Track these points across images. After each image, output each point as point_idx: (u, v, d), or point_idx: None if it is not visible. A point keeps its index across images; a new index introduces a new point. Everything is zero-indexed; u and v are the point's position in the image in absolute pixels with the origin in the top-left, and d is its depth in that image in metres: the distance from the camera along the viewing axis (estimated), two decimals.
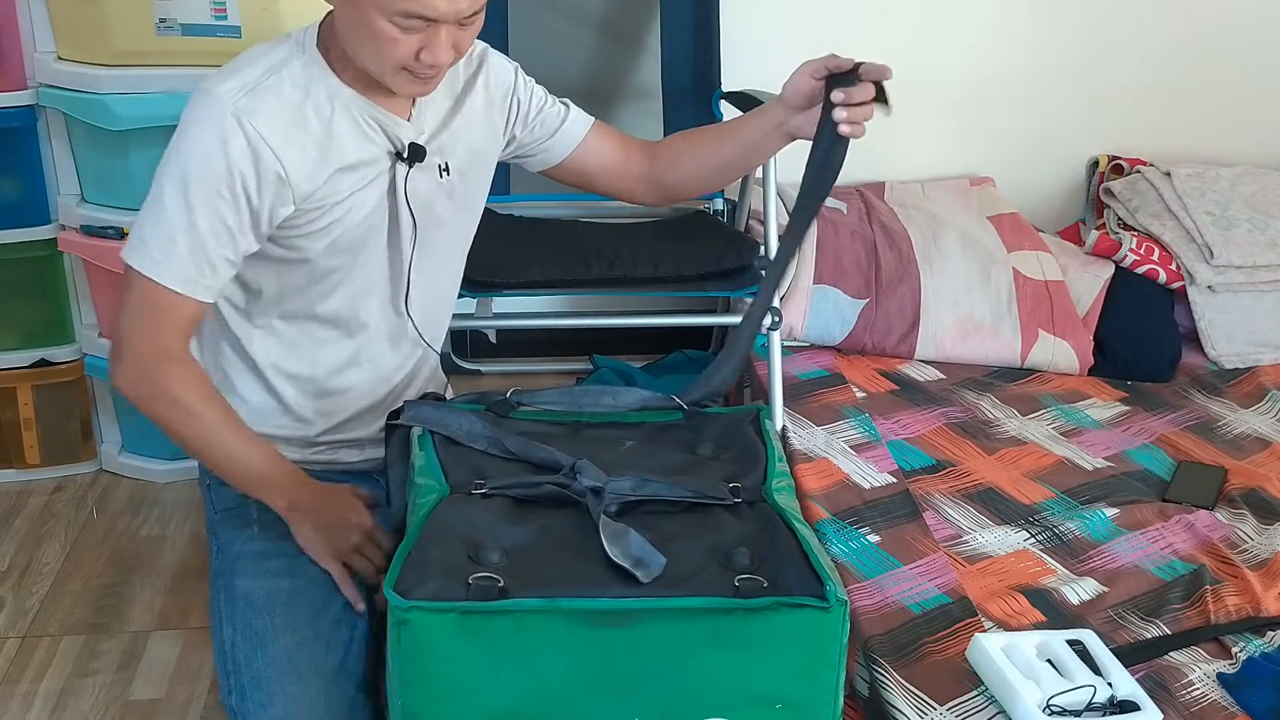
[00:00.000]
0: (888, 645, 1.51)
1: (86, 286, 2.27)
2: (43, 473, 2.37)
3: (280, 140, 1.32)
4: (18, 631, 1.94)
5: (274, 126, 1.32)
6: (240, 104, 1.31)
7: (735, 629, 1.10)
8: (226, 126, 1.30)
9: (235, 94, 1.31)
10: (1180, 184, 2.58)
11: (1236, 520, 1.85)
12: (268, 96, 1.33)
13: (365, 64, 1.33)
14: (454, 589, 1.08)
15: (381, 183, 1.43)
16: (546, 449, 1.30)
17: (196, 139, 1.31)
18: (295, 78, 1.35)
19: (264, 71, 1.34)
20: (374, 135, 1.40)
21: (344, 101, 1.37)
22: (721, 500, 1.25)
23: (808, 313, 2.31)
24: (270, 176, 1.33)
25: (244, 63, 1.36)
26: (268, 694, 1.30)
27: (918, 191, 2.70)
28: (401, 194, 1.44)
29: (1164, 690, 1.45)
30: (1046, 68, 2.75)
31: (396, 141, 1.42)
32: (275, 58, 1.36)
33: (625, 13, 2.45)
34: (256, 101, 1.32)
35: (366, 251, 1.46)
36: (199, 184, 1.31)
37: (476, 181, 1.55)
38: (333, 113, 1.37)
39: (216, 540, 1.49)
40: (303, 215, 1.38)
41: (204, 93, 1.32)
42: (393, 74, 1.32)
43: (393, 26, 1.26)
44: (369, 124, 1.39)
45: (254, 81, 1.33)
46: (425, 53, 1.28)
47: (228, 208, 1.32)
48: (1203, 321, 2.44)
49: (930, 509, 1.84)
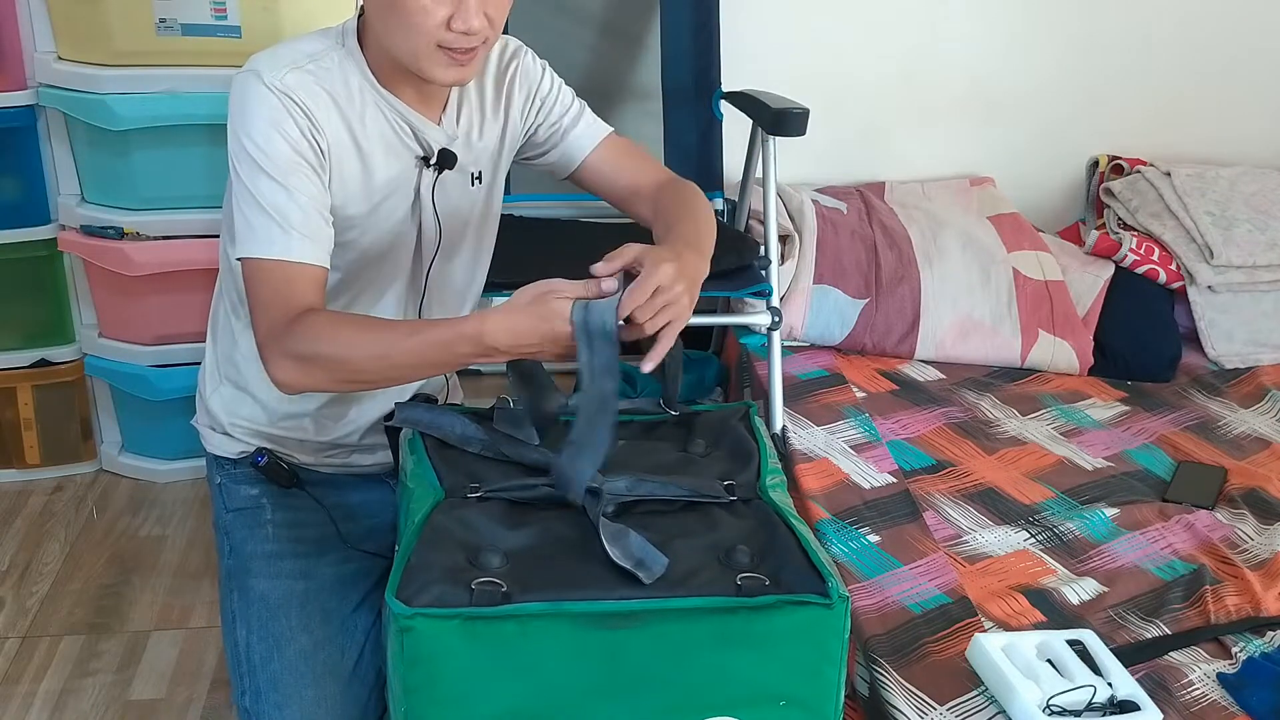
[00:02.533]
0: (888, 645, 1.52)
1: (86, 286, 2.27)
2: (43, 473, 2.37)
3: (324, 117, 1.33)
4: (18, 631, 1.94)
5: (316, 103, 1.33)
6: (287, 80, 1.31)
7: (739, 627, 1.10)
8: (277, 102, 1.30)
9: (280, 71, 1.31)
10: (1180, 184, 2.58)
11: (1236, 520, 1.85)
12: (308, 77, 1.33)
13: (399, 47, 1.31)
14: (457, 595, 1.07)
15: (409, 190, 1.43)
16: (540, 450, 1.30)
17: (257, 120, 1.30)
18: (335, 66, 1.36)
19: (305, 56, 1.35)
20: (404, 137, 1.40)
21: (377, 100, 1.38)
22: (718, 498, 1.25)
23: (808, 313, 2.31)
24: (323, 141, 1.33)
25: (284, 48, 1.36)
26: (284, 696, 1.30)
27: (918, 191, 2.70)
28: (428, 200, 1.44)
29: (1164, 690, 1.45)
30: (1046, 68, 2.75)
31: (425, 145, 1.42)
32: (316, 46, 1.37)
33: (625, 13, 2.45)
34: (298, 79, 1.32)
35: (393, 257, 1.46)
36: (278, 161, 1.30)
37: (499, 187, 1.56)
38: (366, 109, 1.37)
39: (229, 540, 1.48)
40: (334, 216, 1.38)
41: (249, 74, 1.32)
42: (428, 55, 1.30)
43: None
44: (400, 126, 1.39)
45: (296, 63, 1.33)
46: (457, 19, 1.27)
47: (312, 174, 1.32)
48: (1203, 321, 2.45)
49: (930, 509, 1.84)
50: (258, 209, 1.30)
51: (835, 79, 2.66)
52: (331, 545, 1.46)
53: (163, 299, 2.20)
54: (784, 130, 2.09)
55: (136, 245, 2.12)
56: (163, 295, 2.19)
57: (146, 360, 2.24)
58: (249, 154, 1.31)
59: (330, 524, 1.48)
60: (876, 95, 2.71)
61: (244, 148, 1.31)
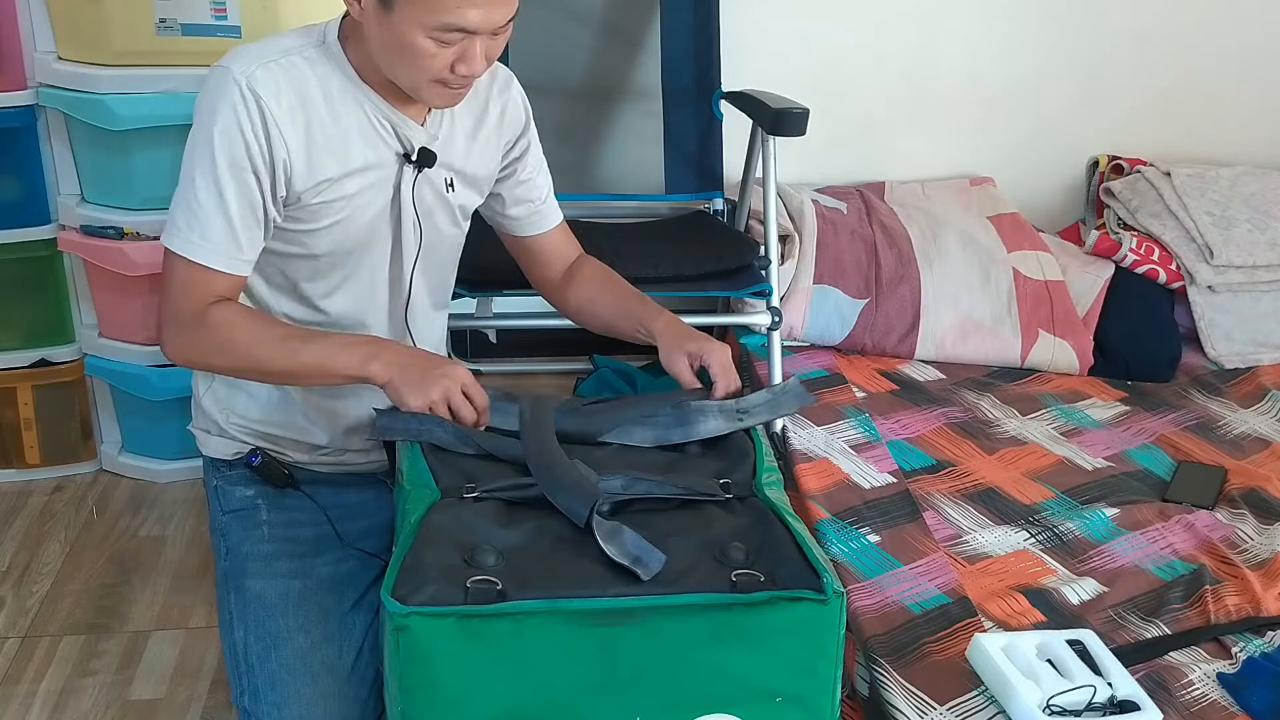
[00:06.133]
0: (888, 645, 1.51)
1: (86, 286, 2.27)
2: (43, 473, 2.37)
3: (285, 115, 1.34)
4: (18, 631, 1.94)
5: (279, 100, 1.33)
6: (253, 74, 1.32)
7: (734, 624, 1.10)
8: (238, 98, 1.31)
9: (248, 66, 1.33)
10: (1180, 184, 2.58)
11: (1236, 520, 1.85)
12: (278, 72, 1.34)
13: (399, 78, 1.34)
14: (452, 593, 1.08)
15: (388, 184, 1.43)
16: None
17: (215, 116, 1.32)
18: (309, 63, 1.37)
19: (279, 51, 1.36)
20: (385, 135, 1.41)
21: (358, 98, 1.39)
22: (713, 496, 1.25)
23: (808, 313, 2.31)
24: (278, 145, 1.34)
25: (260, 43, 1.37)
26: (282, 695, 1.30)
27: (918, 191, 2.70)
28: (408, 198, 1.44)
29: (1164, 690, 1.45)
30: (1046, 68, 2.75)
31: (406, 143, 1.42)
32: (291, 43, 1.38)
33: (625, 13, 2.45)
34: (266, 74, 1.33)
35: (371, 256, 1.47)
36: (224, 160, 1.32)
37: (473, 201, 1.57)
38: (345, 106, 1.38)
39: (225, 541, 1.48)
40: (305, 209, 1.39)
41: (218, 69, 1.34)
42: (427, 87, 1.33)
43: (431, 42, 1.28)
44: (381, 123, 1.40)
45: (267, 58, 1.34)
46: (461, 64, 1.30)
47: (252, 180, 1.34)
48: (1203, 321, 2.44)
49: (930, 509, 1.84)
50: (190, 204, 1.33)
51: (835, 79, 2.66)
52: (328, 544, 1.46)
53: None
54: (784, 130, 2.09)
55: (136, 245, 2.12)
56: None
57: (146, 360, 2.24)
58: (201, 145, 1.33)
59: (326, 523, 1.48)
60: (876, 95, 2.71)
61: (198, 139, 1.33)
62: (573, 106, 2.42)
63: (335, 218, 1.41)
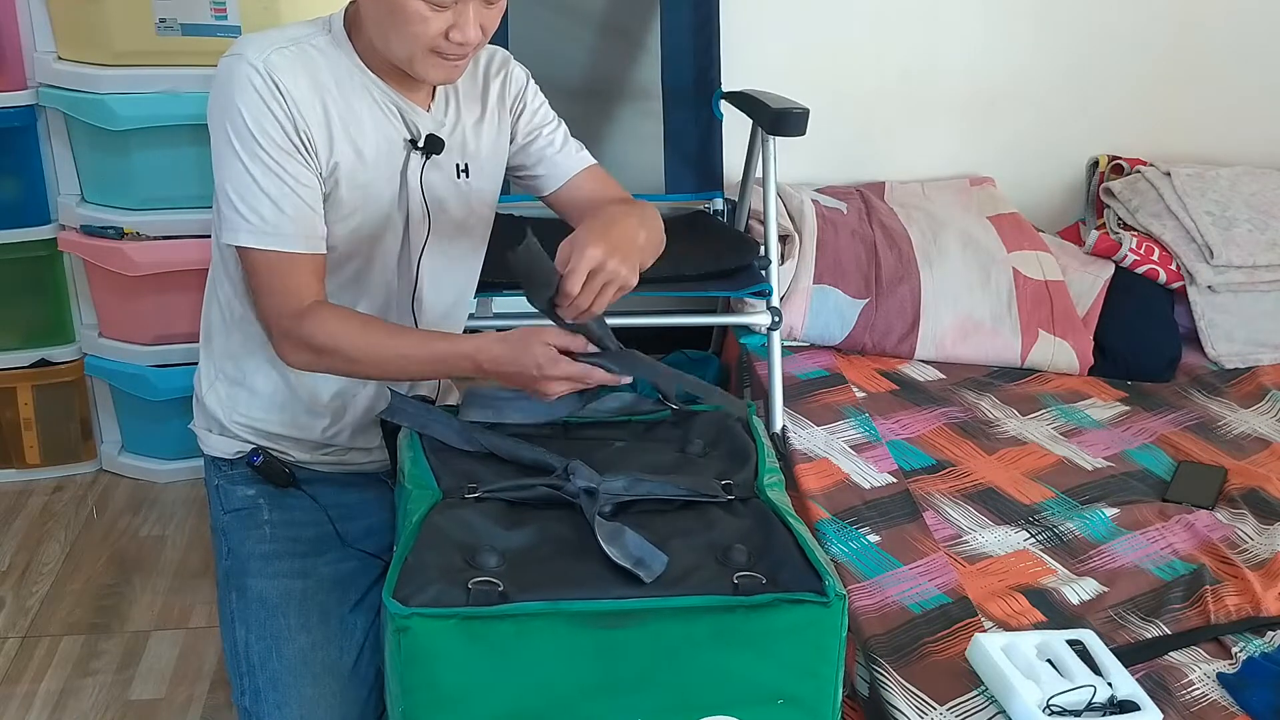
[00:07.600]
0: (888, 645, 1.51)
1: (86, 286, 2.27)
2: (43, 473, 2.37)
3: (304, 98, 1.34)
4: (18, 631, 1.94)
5: (297, 83, 1.34)
6: (269, 59, 1.32)
7: (736, 626, 1.10)
8: (260, 83, 1.31)
9: (262, 51, 1.33)
10: (1180, 184, 2.58)
11: (1236, 520, 1.85)
12: (291, 57, 1.35)
13: (394, 50, 1.34)
14: (454, 594, 1.08)
15: (396, 170, 1.44)
16: (536, 450, 1.30)
17: (241, 104, 1.32)
18: (319, 50, 1.38)
19: (288, 39, 1.37)
20: (393, 119, 1.41)
21: (365, 84, 1.39)
22: (715, 498, 1.25)
23: (808, 313, 2.31)
24: (302, 125, 1.34)
25: (267, 32, 1.38)
26: (283, 695, 1.30)
27: (918, 191, 2.70)
28: (416, 185, 1.45)
29: (1164, 690, 1.45)
30: (1046, 68, 2.75)
31: (414, 128, 1.43)
32: (299, 32, 1.39)
33: (625, 13, 2.45)
34: (281, 59, 1.33)
35: (383, 245, 1.47)
36: (266, 143, 1.32)
37: (489, 188, 1.56)
38: (354, 92, 1.39)
39: (226, 541, 1.48)
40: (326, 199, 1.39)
41: (232, 57, 1.34)
42: (422, 58, 1.33)
43: (424, 5, 1.28)
44: (388, 108, 1.41)
45: (278, 44, 1.35)
46: (454, 31, 1.31)
47: (299, 157, 1.34)
48: (1203, 321, 2.44)
49: (930, 509, 1.84)
50: (246, 195, 1.32)
51: (835, 79, 2.66)
52: (329, 544, 1.46)
53: (162, 299, 2.20)
54: (784, 130, 2.09)
55: (136, 245, 2.12)
56: (162, 295, 2.19)
57: (146, 360, 2.24)
58: (242, 136, 1.32)
59: (327, 523, 1.48)
60: (876, 95, 2.71)
61: (235, 130, 1.32)
62: (572, 106, 2.40)
63: (352, 208, 1.42)
